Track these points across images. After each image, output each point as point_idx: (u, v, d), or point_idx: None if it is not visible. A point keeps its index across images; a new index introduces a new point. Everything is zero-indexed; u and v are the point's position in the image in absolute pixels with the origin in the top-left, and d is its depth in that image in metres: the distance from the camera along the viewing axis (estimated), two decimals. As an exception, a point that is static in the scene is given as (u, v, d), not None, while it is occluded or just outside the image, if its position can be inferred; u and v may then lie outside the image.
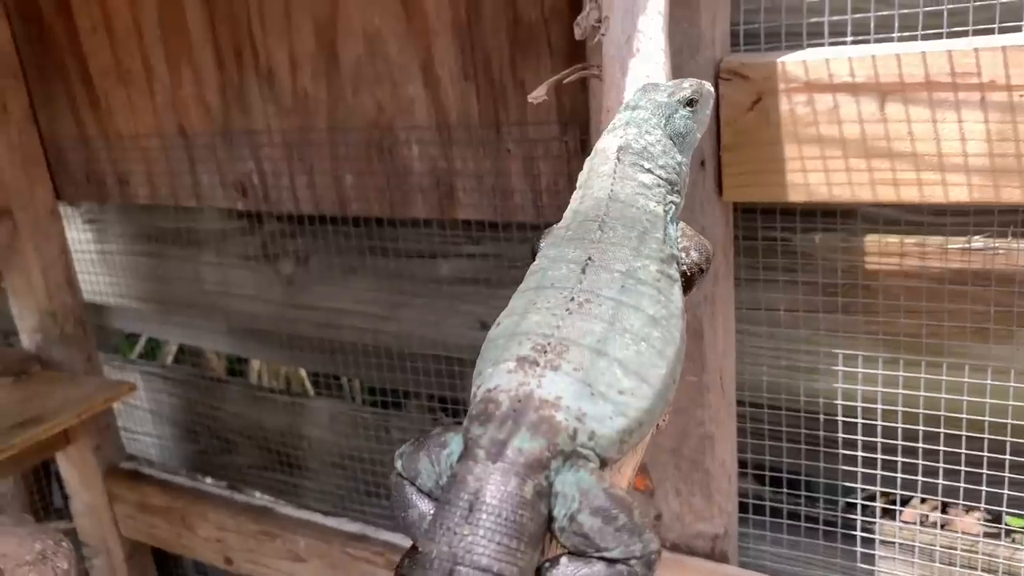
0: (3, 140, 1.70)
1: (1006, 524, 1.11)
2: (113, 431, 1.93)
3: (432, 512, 0.52)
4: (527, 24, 1.17)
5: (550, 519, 0.50)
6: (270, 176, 1.52)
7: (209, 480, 2.00)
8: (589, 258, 0.59)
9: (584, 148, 1.18)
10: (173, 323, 1.96)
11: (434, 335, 1.51)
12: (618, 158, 0.65)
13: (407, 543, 1.73)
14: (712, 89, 0.71)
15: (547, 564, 0.50)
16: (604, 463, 0.52)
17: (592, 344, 0.53)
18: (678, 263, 0.63)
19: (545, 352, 0.53)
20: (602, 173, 0.65)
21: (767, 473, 1.22)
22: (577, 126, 1.18)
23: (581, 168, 0.69)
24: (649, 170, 0.65)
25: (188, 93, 1.54)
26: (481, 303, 1.44)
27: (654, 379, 0.54)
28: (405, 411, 1.72)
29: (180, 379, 1.99)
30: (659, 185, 0.65)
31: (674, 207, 0.66)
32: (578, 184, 0.68)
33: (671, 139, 0.66)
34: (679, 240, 0.64)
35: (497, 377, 0.53)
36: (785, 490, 1.21)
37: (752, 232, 1.12)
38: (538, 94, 0.85)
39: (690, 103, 0.68)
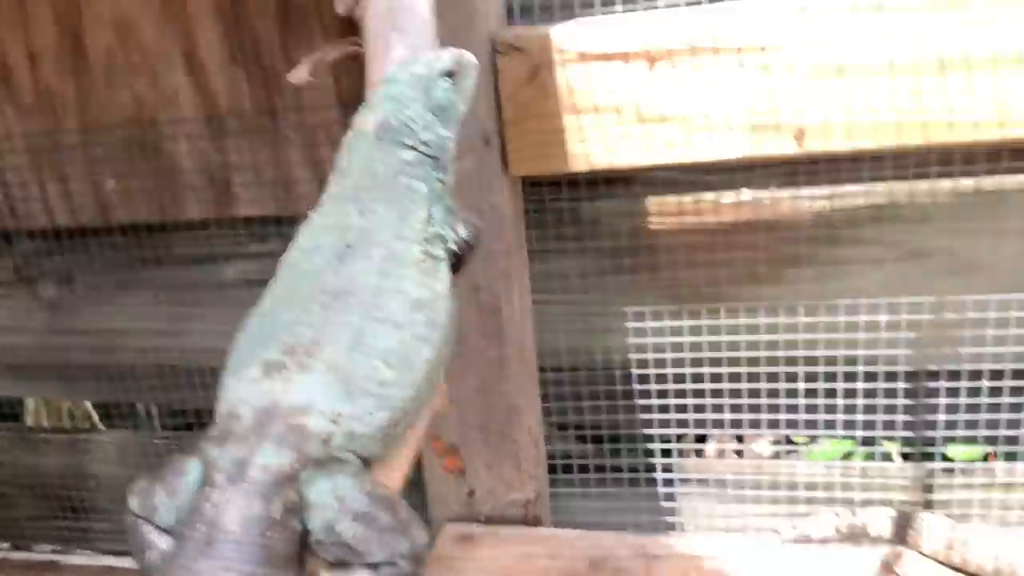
0: None
1: (790, 441, 1.24)
2: None
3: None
4: (296, 3, 1.13)
5: (306, 533, 0.46)
6: (16, 188, 1.35)
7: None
8: (347, 245, 0.56)
9: (368, 131, 1.15)
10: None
11: (225, 345, 1.42)
12: (377, 135, 0.62)
13: None
14: (474, 59, 0.68)
15: None
16: (367, 462, 0.50)
17: (348, 338, 0.51)
18: (445, 242, 0.60)
19: (294, 353, 0.50)
20: (360, 152, 0.62)
21: (573, 432, 1.27)
22: (358, 108, 1.15)
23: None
24: (411, 146, 0.62)
25: (-99, 98, 1.34)
26: (274, 304, 1.38)
27: (419, 365, 0.53)
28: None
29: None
30: (421, 162, 0.62)
31: (440, 184, 0.63)
32: (335, 167, 0.64)
33: (432, 113, 0.63)
34: (446, 218, 0.61)
35: (239, 389, 0.50)
36: (590, 446, 1.26)
37: (541, 205, 1.15)
38: (299, 75, 0.80)
39: (449, 74, 0.65)
